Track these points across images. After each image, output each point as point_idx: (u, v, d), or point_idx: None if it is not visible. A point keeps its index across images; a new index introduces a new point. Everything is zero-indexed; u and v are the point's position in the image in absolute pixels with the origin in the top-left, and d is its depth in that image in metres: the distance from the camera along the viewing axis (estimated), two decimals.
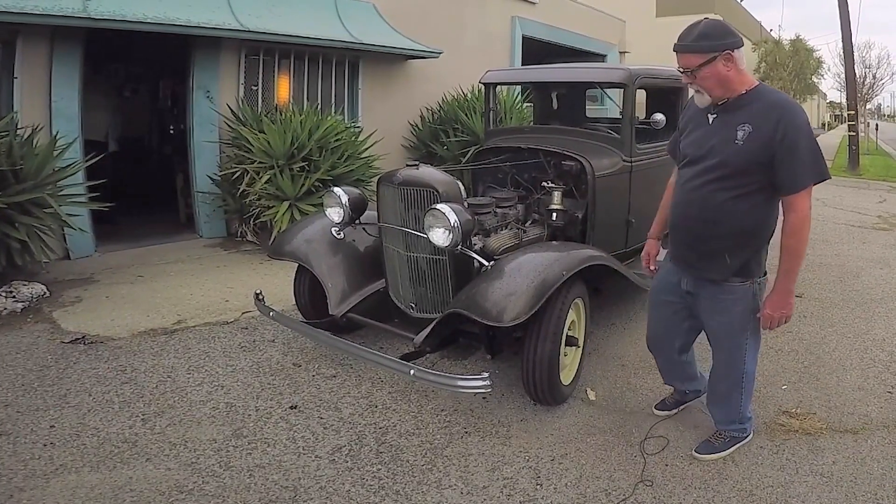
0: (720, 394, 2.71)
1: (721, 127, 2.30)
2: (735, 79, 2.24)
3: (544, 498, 2.47)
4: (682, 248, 2.54)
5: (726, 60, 2.20)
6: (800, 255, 2.28)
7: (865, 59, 31.42)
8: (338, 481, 2.54)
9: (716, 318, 2.51)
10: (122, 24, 5.09)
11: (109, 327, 4.03)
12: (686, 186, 2.43)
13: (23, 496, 2.37)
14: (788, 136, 2.14)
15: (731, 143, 2.24)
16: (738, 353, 2.55)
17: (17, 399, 3.09)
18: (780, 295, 2.34)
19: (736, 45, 2.22)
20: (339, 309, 3.46)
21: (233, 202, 6.17)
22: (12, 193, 4.27)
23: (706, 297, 2.50)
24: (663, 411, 3.07)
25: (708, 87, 2.26)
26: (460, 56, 8.92)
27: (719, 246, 2.37)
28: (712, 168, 2.31)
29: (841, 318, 4.50)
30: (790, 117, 2.16)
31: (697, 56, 2.22)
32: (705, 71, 2.22)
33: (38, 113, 5.18)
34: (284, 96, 7.02)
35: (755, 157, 2.20)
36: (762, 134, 2.18)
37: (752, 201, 2.28)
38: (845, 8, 15.20)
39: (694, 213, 2.41)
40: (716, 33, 2.21)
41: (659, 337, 2.79)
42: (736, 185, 2.27)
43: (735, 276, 2.40)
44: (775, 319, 2.38)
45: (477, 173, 4.48)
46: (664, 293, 2.69)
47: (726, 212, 2.31)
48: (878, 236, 7.42)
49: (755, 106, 2.23)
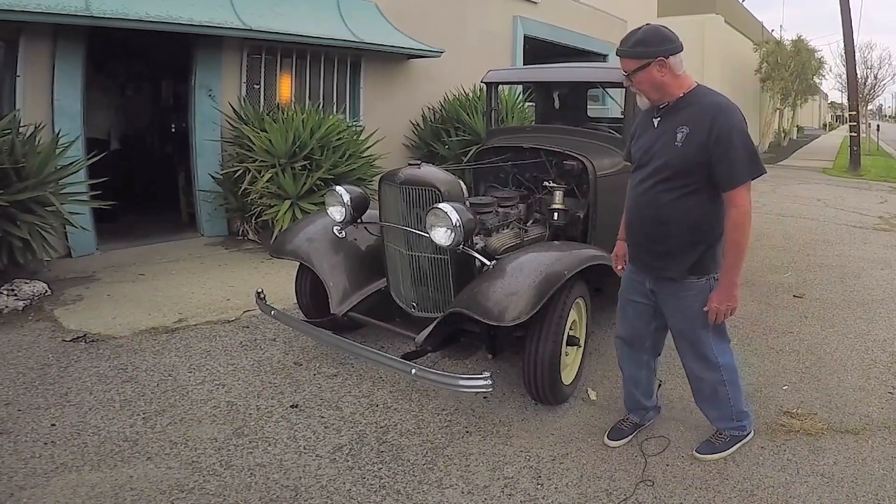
0: (705, 392, 2.72)
1: (664, 130, 2.40)
2: (671, 83, 2.33)
3: (545, 497, 2.47)
4: (638, 248, 2.61)
5: (660, 66, 2.29)
6: (743, 249, 2.34)
7: (867, 59, 31.45)
8: (338, 480, 2.54)
9: (677, 315, 2.56)
10: (125, 23, 5.09)
11: (111, 326, 4.03)
12: (637, 189, 2.51)
13: (23, 494, 2.37)
14: (723, 135, 2.23)
15: (672, 145, 2.34)
16: (705, 348, 2.58)
17: (18, 397, 3.10)
18: (726, 288, 2.39)
19: (670, 51, 2.30)
20: (341, 308, 3.46)
21: (234, 201, 6.17)
22: (14, 191, 4.27)
23: (667, 295, 2.55)
24: (619, 440, 2.84)
25: (643, 90, 2.38)
26: (462, 55, 8.92)
27: (672, 244, 2.44)
28: (658, 170, 2.40)
29: (842, 319, 4.49)
30: (724, 118, 2.25)
31: (633, 61, 2.33)
32: (640, 75, 2.33)
33: (41, 111, 5.19)
34: (286, 95, 7.03)
35: (694, 158, 2.29)
36: (699, 135, 2.27)
37: (697, 200, 2.36)
38: (847, 8, 15.20)
39: (645, 214, 2.48)
40: (651, 40, 2.30)
41: (629, 336, 2.79)
42: (680, 185, 2.36)
43: (691, 273, 2.44)
44: (721, 312, 2.42)
45: (478, 173, 4.48)
46: (631, 293, 2.72)
47: (674, 211, 2.39)
48: (880, 237, 7.42)
49: (692, 108, 2.33)
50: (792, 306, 4.76)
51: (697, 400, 2.81)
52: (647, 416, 2.95)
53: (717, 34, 19.52)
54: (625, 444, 2.84)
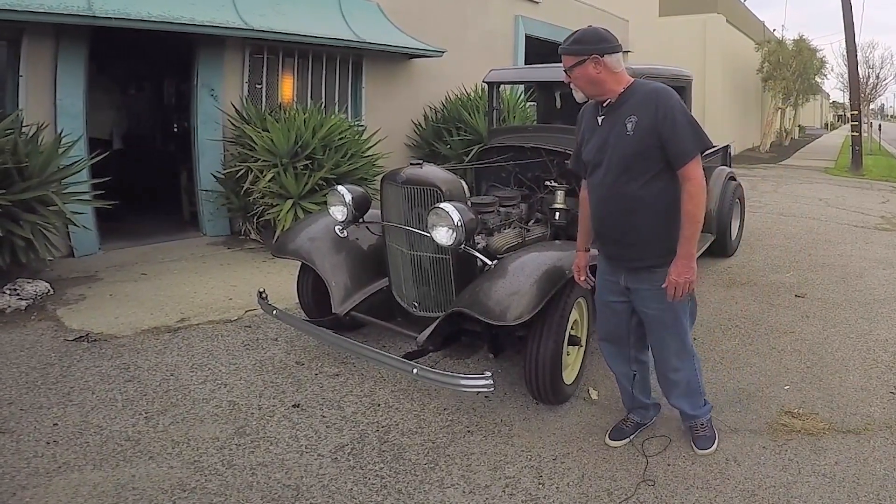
0: (681, 387, 2.73)
1: (611, 125, 2.47)
2: (608, 80, 2.43)
3: (546, 497, 2.47)
4: (610, 245, 2.63)
5: (595, 63, 2.40)
6: (699, 220, 2.40)
7: (869, 59, 31.40)
8: (340, 480, 2.55)
9: (653, 306, 2.56)
10: (127, 23, 5.10)
11: (113, 325, 4.04)
12: (598, 189, 2.55)
13: (25, 494, 2.38)
14: (668, 115, 2.34)
15: (624, 136, 2.41)
16: (684, 337, 2.62)
17: (21, 396, 3.10)
18: (683, 260, 2.41)
19: (605, 50, 2.40)
20: (343, 307, 3.47)
21: (236, 200, 6.18)
22: (17, 191, 4.28)
23: (643, 287, 2.56)
24: (620, 440, 2.84)
25: (580, 85, 2.48)
26: (463, 55, 8.92)
27: (644, 233, 2.47)
28: (615, 163, 2.46)
29: (844, 319, 4.49)
30: (664, 99, 2.36)
31: (570, 58, 2.43)
32: (576, 71, 2.43)
33: (43, 111, 5.20)
34: (288, 95, 7.04)
35: (647, 142, 2.37)
36: (647, 120, 2.36)
37: (659, 185, 2.42)
38: (849, 8, 15.17)
39: (613, 209, 2.52)
40: (588, 39, 2.42)
41: (612, 335, 2.80)
42: (639, 173, 2.42)
43: (665, 261, 2.46)
44: (680, 285, 2.43)
45: (480, 172, 4.48)
46: (607, 294, 2.72)
47: (640, 199, 2.44)
48: (881, 237, 7.40)
49: (635, 98, 2.42)
50: (794, 306, 4.76)
51: (673, 397, 2.80)
52: (647, 415, 2.95)
53: (718, 34, 19.48)
54: (626, 443, 2.84)
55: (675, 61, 5.63)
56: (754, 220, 8.07)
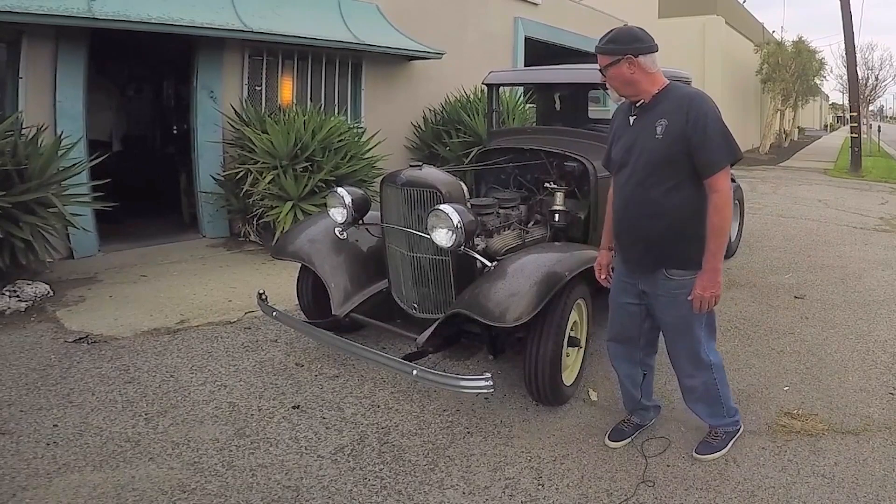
0: (695, 389, 2.72)
1: (641, 127, 2.45)
2: (642, 80, 2.40)
3: (546, 498, 2.47)
4: (629, 249, 2.60)
5: (630, 64, 2.37)
6: (724, 233, 2.36)
7: (868, 60, 31.51)
8: (340, 481, 2.55)
9: (670, 313, 2.55)
10: (127, 25, 5.11)
11: (113, 327, 4.04)
12: (623, 189, 2.53)
13: (26, 495, 2.38)
14: (699, 122, 2.29)
15: (652, 139, 2.38)
16: (699, 346, 2.59)
17: (21, 398, 3.10)
18: (709, 274, 2.39)
19: (640, 50, 2.37)
20: (342, 309, 3.47)
21: (236, 202, 6.18)
22: (17, 193, 4.28)
23: (660, 293, 2.54)
24: (619, 441, 2.84)
25: (614, 85, 2.46)
26: (463, 57, 8.93)
27: (665, 240, 2.44)
28: (642, 166, 2.43)
29: (843, 320, 4.49)
30: (698, 105, 2.31)
31: (605, 57, 2.42)
32: (611, 71, 2.41)
33: (43, 113, 5.20)
34: (288, 97, 7.04)
35: (675, 148, 2.34)
36: (677, 125, 2.32)
37: (683, 192, 2.39)
38: (847, 9, 15.19)
39: (635, 212, 2.49)
40: (623, 39, 2.40)
41: (622, 336, 2.78)
42: (665, 178, 2.39)
43: (685, 269, 2.44)
44: (705, 299, 2.41)
45: (480, 174, 4.48)
46: (622, 296, 2.71)
47: (663, 206, 2.41)
48: (881, 238, 7.41)
49: (668, 102, 2.39)
50: (793, 307, 4.76)
51: (689, 401, 2.81)
52: (647, 417, 2.95)
53: (717, 35, 19.51)
54: (626, 445, 2.84)
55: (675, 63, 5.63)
56: (753, 221, 8.08)
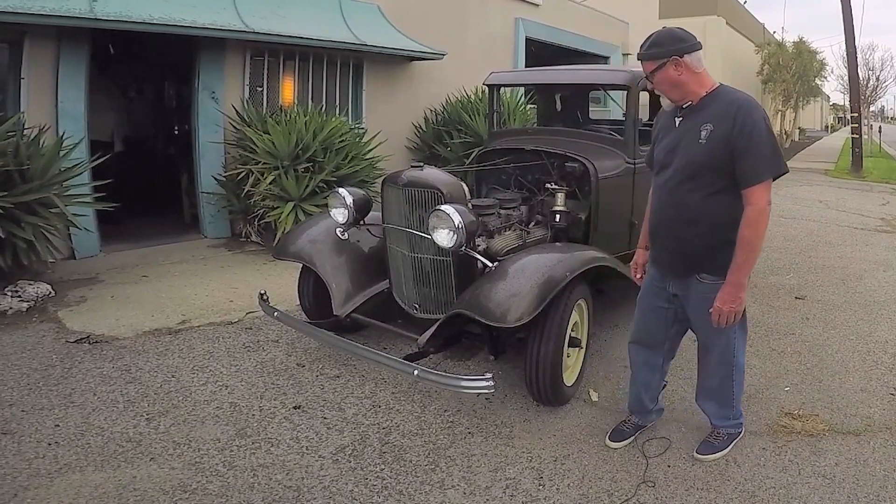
0: (712, 388, 2.72)
1: (686, 129, 2.40)
2: (690, 81, 2.35)
3: (547, 498, 2.48)
4: (663, 251, 2.58)
5: (676, 65, 2.32)
6: (755, 248, 2.31)
7: (869, 61, 31.48)
8: (341, 481, 2.55)
9: (704, 317, 2.52)
10: (128, 25, 5.12)
11: (114, 327, 4.05)
12: (662, 190, 2.51)
13: (27, 495, 2.39)
14: (745, 131, 2.23)
15: (696, 143, 2.33)
16: (729, 349, 2.59)
17: (22, 398, 3.11)
18: (732, 288, 2.35)
19: (684, 50, 2.32)
20: (343, 309, 3.47)
21: (237, 203, 6.19)
22: (19, 193, 4.29)
23: (693, 296, 2.52)
24: (620, 441, 2.84)
25: (663, 90, 2.42)
26: (464, 57, 8.94)
27: (700, 245, 2.42)
28: (683, 169, 2.39)
29: (844, 321, 4.49)
30: (746, 113, 2.25)
31: (650, 63, 2.37)
32: (658, 76, 2.36)
33: (45, 113, 5.21)
34: (289, 97, 7.04)
35: (718, 155, 2.29)
36: (722, 131, 2.27)
37: (723, 199, 2.34)
38: (848, 10, 15.19)
39: (672, 216, 2.46)
40: (665, 41, 2.34)
41: (648, 341, 2.77)
42: (705, 183, 2.35)
43: (719, 273, 2.41)
44: (724, 314, 2.37)
45: (480, 175, 4.48)
46: (652, 299, 2.70)
47: (701, 211, 2.37)
48: (881, 239, 7.41)
49: (715, 106, 2.33)
50: (793, 308, 4.76)
51: (701, 397, 2.81)
52: (648, 418, 2.95)
53: (718, 36, 19.53)
54: (626, 445, 2.84)
55: None
56: None
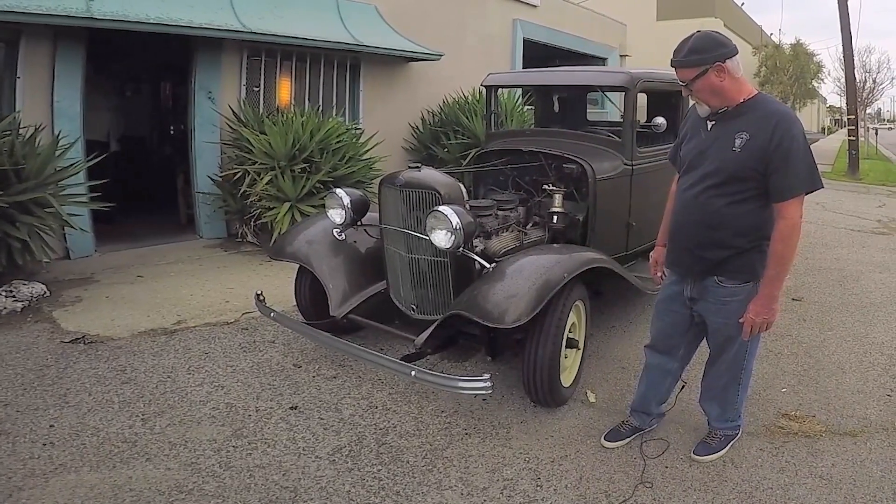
0: (718, 390, 2.72)
1: (719, 134, 2.34)
2: (730, 88, 2.29)
3: (544, 499, 2.47)
4: (682, 253, 2.55)
5: (718, 72, 2.25)
6: (787, 262, 2.29)
7: (865, 63, 31.57)
8: (338, 482, 2.54)
9: (717, 319, 2.52)
10: (125, 25, 5.10)
11: (109, 327, 4.03)
12: (685, 193, 2.47)
13: (22, 495, 2.37)
14: (783, 144, 2.18)
15: (729, 151, 2.29)
16: (742, 353, 2.57)
17: (17, 398, 3.09)
18: (764, 300, 2.33)
19: (726, 55, 2.26)
20: (340, 310, 3.46)
21: (233, 203, 6.17)
22: (14, 193, 4.27)
23: (710, 300, 2.50)
24: (615, 442, 2.84)
25: (703, 98, 2.33)
26: (461, 58, 8.94)
27: (722, 251, 2.39)
28: (710, 174, 2.35)
29: (840, 322, 4.50)
30: (786, 126, 2.20)
31: (690, 70, 2.28)
32: (699, 84, 2.28)
33: (41, 113, 5.19)
34: (286, 97, 7.03)
35: (751, 165, 2.24)
36: (759, 142, 2.22)
37: (748, 207, 2.32)
38: (845, 12, 15.24)
39: (693, 219, 2.44)
40: (705, 46, 2.26)
41: (664, 346, 2.76)
42: (733, 191, 2.31)
43: (737, 278, 2.40)
44: (756, 325, 2.37)
45: (478, 176, 4.48)
46: (670, 303, 2.68)
47: (724, 217, 2.34)
48: (878, 240, 7.43)
49: (753, 114, 2.28)
50: (790, 309, 4.77)
51: (705, 398, 2.80)
52: (648, 422, 2.93)
53: None
54: (621, 445, 2.84)
55: None
56: None
